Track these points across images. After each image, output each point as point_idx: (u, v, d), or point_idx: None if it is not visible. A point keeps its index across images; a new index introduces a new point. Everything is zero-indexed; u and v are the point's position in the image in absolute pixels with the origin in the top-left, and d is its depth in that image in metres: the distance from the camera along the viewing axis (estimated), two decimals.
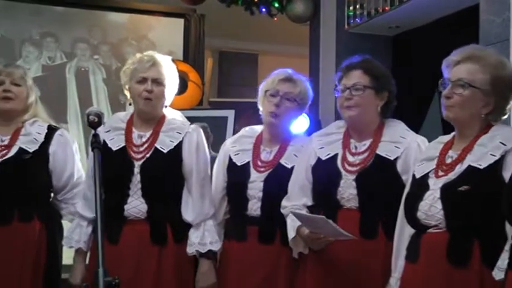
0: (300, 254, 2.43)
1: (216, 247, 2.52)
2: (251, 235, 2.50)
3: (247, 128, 2.68)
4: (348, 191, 2.31)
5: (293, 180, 2.46)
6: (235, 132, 4.24)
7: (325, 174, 2.39)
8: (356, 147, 2.39)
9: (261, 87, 2.60)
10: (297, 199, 2.42)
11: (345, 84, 2.37)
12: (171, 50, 4.83)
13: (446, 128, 3.84)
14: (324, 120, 4.30)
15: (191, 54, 5.27)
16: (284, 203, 2.45)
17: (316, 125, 3.99)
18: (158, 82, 2.52)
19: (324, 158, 2.40)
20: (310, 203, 2.42)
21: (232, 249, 2.54)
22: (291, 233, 2.38)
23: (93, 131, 2.08)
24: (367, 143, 2.37)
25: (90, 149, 2.11)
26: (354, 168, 2.33)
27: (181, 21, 5.27)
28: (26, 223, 2.63)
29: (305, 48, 5.00)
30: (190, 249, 2.50)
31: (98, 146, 2.01)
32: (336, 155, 2.39)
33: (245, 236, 2.51)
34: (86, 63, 5.03)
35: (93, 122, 2.10)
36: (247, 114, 5.97)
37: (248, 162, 2.56)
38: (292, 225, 2.37)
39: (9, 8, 4.85)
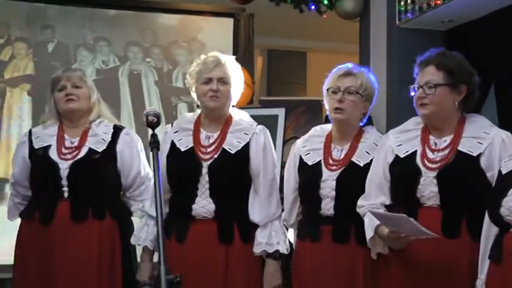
0: (379, 255, 2.39)
1: (283, 247, 2.52)
2: (325, 235, 2.49)
3: (317, 127, 2.69)
4: (428, 189, 2.28)
5: (370, 179, 2.43)
6: (285, 130, 4.25)
7: (404, 171, 2.35)
8: (436, 144, 2.35)
9: (324, 87, 2.60)
10: (374, 198, 2.39)
11: (419, 82, 2.35)
12: (221, 50, 4.85)
13: (502, 122, 3.75)
14: (375, 117, 4.24)
15: (241, 54, 5.27)
16: (361, 202, 2.42)
17: (367, 121, 3.96)
18: (223, 81, 2.56)
19: (402, 156, 2.37)
20: (388, 201, 2.39)
21: (306, 250, 2.54)
22: (369, 233, 2.35)
23: (151, 131, 2.11)
24: (448, 139, 2.33)
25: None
26: (435, 165, 2.29)
27: (230, 20, 5.28)
28: (99, 221, 2.72)
29: (354, 45, 4.94)
30: (258, 249, 2.52)
31: (156, 146, 2.05)
32: (414, 152, 2.35)
33: (319, 236, 2.50)
34: (138, 66, 5.10)
35: (152, 123, 2.14)
36: (297, 112, 5.97)
37: (319, 161, 2.55)
38: (370, 224, 2.35)
39: (64, 14, 4.97)
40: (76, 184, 2.71)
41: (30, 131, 2.90)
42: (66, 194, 2.70)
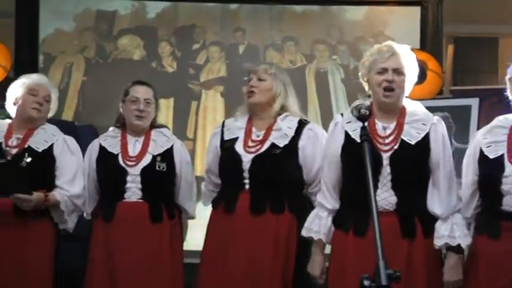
0: None
1: (465, 242, 2.45)
2: (506, 232, 2.37)
3: (500, 118, 2.55)
4: None
5: None
6: (479, 121, 4.03)
7: None
8: None
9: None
10: None
11: None
12: (408, 43, 4.72)
13: None
14: None
15: (429, 43, 5.13)
16: None
17: None
18: (398, 72, 2.52)
19: None
20: None
21: (483, 246, 2.43)
22: None
23: (361, 124, 2.12)
24: None
25: None
26: None
27: (417, 10, 5.14)
28: (277, 214, 2.80)
29: None
30: (439, 242, 2.47)
31: (367, 139, 2.05)
32: None
33: (498, 233, 2.39)
34: (324, 64, 5.15)
35: (364, 115, 2.14)
36: (489, 102, 5.62)
37: (502, 155, 2.42)
38: None
39: (253, 15, 5.17)
40: (256, 177, 2.82)
41: (223, 122, 3.07)
42: (247, 186, 2.83)
